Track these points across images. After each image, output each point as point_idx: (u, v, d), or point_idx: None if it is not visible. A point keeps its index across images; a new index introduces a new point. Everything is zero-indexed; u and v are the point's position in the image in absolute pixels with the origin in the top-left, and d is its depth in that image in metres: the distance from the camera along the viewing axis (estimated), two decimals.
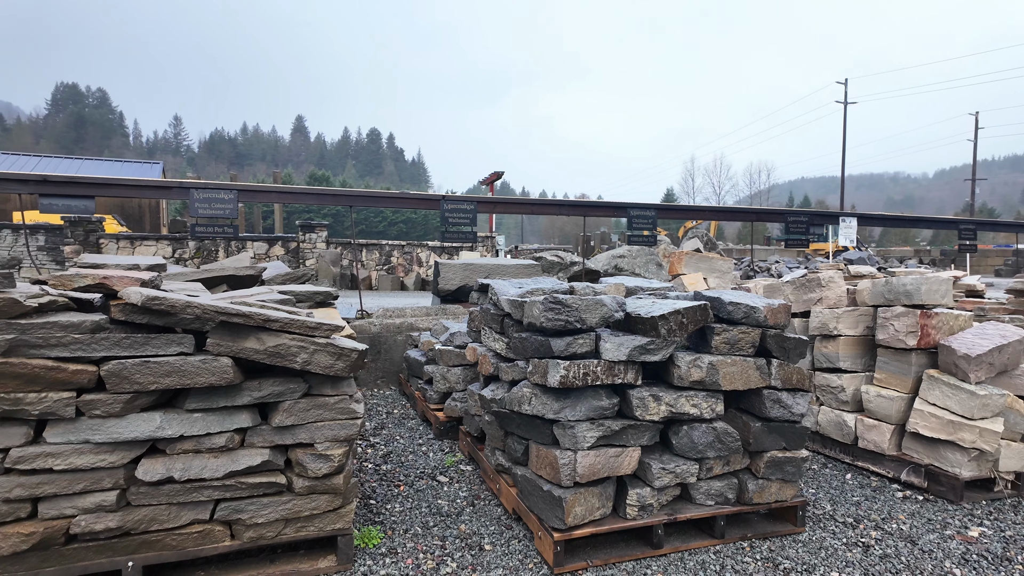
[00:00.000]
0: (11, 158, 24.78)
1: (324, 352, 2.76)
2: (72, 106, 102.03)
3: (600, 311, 3.05)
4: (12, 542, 2.37)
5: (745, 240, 47.47)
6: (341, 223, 57.83)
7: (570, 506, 2.90)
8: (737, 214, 9.50)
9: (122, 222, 20.85)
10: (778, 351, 3.27)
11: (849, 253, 22.04)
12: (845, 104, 41.75)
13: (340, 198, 6.60)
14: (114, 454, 2.51)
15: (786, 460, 3.24)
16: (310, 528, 2.82)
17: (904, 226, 10.49)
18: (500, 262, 8.27)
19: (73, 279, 2.85)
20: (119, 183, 5.89)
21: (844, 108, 41.81)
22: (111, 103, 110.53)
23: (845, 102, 41.72)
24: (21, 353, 2.40)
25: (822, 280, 4.50)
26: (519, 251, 30.54)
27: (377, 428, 5.16)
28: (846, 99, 41.65)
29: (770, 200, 74.26)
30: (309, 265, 17.36)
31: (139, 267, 4.56)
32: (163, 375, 2.54)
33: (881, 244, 54.51)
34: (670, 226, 41.68)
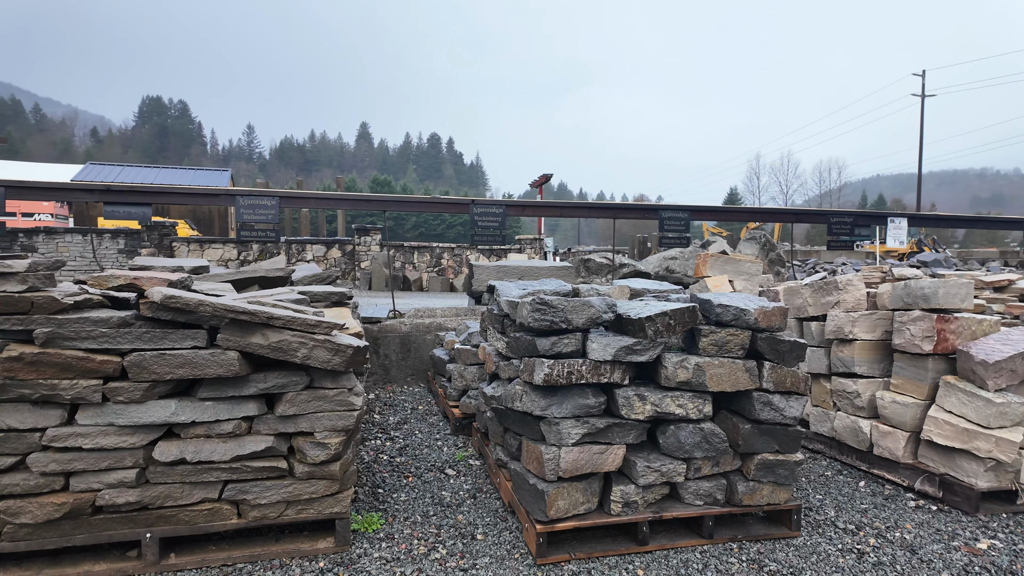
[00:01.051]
0: (97, 168, 26.89)
1: (322, 348, 2.98)
2: (156, 117, 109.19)
3: (587, 312, 3.14)
4: (47, 510, 2.70)
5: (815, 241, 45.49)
6: (402, 226, 59.40)
7: (552, 499, 3.00)
8: (775, 215, 9.23)
9: (193, 226, 22.25)
10: (771, 354, 3.26)
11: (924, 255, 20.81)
12: (923, 97, 39.42)
13: (373, 203, 6.92)
14: (134, 436, 2.81)
15: (778, 463, 3.23)
16: (309, 511, 3.05)
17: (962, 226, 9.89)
18: (533, 264, 8.40)
19: (108, 279, 3.20)
20: (171, 191, 6.39)
21: (921, 101, 39.47)
22: (191, 114, 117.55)
23: (923, 95, 39.40)
24: (57, 344, 2.73)
25: (840, 283, 4.40)
26: (571, 253, 30.55)
27: (400, 423, 5.40)
28: (923, 92, 39.32)
29: (841, 199, 70.94)
30: (364, 267, 18.00)
31: (182, 269, 4.98)
32: (177, 366, 2.82)
33: (964, 245, 51.06)
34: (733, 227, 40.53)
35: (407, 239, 50.88)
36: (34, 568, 2.76)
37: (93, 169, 26.60)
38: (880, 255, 27.34)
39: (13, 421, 2.69)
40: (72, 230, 15.87)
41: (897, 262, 23.16)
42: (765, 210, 9.23)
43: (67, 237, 15.62)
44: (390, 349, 6.72)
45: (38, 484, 2.71)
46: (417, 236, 56.42)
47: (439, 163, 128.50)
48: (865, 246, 30.36)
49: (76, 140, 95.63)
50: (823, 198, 69.28)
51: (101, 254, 16.28)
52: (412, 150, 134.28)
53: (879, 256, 14.27)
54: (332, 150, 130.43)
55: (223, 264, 17.08)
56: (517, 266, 8.20)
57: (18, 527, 2.70)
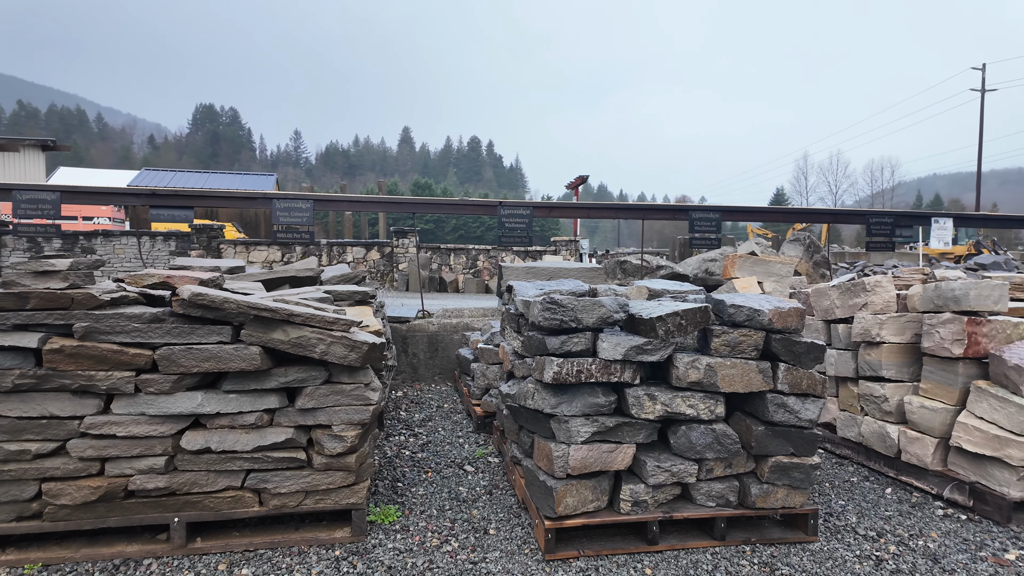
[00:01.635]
0: (151, 173, 28.16)
1: (339, 344, 3.10)
2: (209, 124, 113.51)
3: (597, 312, 3.16)
4: (84, 493, 2.89)
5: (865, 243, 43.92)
6: (442, 228, 60.06)
7: (560, 496, 3.04)
8: (812, 215, 8.97)
9: (240, 229, 23.05)
10: (786, 355, 3.22)
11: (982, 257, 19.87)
12: (983, 92, 37.60)
13: (404, 205, 7.07)
14: (164, 425, 2.98)
15: (793, 466, 3.18)
16: (327, 501, 3.17)
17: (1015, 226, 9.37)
18: (563, 266, 8.41)
19: (143, 278, 3.40)
20: (212, 195, 6.68)
21: (981, 96, 37.66)
22: (241, 120, 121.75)
23: (983, 90, 37.57)
24: (94, 338, 2.93)
25: (868, 285, 4.29)
26: (609, 255, 30.33)
27: (424, 420, 5.52)
28: (983, 86, 37.52)
29: (894, 199, 68.19)
30: (402, 268, 18.31)
31: (219, 269, 5.20)
32: (203, 360, 2.98)
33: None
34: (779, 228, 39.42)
35: (446, 241, 51.44)
36: (73, 547, 2.96)
37: (147, 175, 27.90)
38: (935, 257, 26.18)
39: (55, 409, 2.90)
40: (128, 232, 16.69)
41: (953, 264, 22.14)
42: (801, 210, 9.01)
43: (123, 239, 16.43)
44: (418, 348, 6.85)
45: (76, 468, 2.91)
46: (456, 238, 56.96)
47: (479, 166, 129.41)
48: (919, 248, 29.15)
49: (135, 147, 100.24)
50: (874, 198, 66.73)
51: (154, 255, 17.08)
52: (452, 153, 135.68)
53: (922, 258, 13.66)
54: (375, 154, 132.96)
55: (267, 265, 17.66)
56: (547, 267, 8.23)
57: (58, 508, 2.90)
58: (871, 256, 28.00)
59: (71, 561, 2.88)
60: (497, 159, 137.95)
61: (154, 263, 16.32)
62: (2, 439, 2.86)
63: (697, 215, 7.44)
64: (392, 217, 45.02)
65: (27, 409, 2.88)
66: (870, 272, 18.05)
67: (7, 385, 2.84)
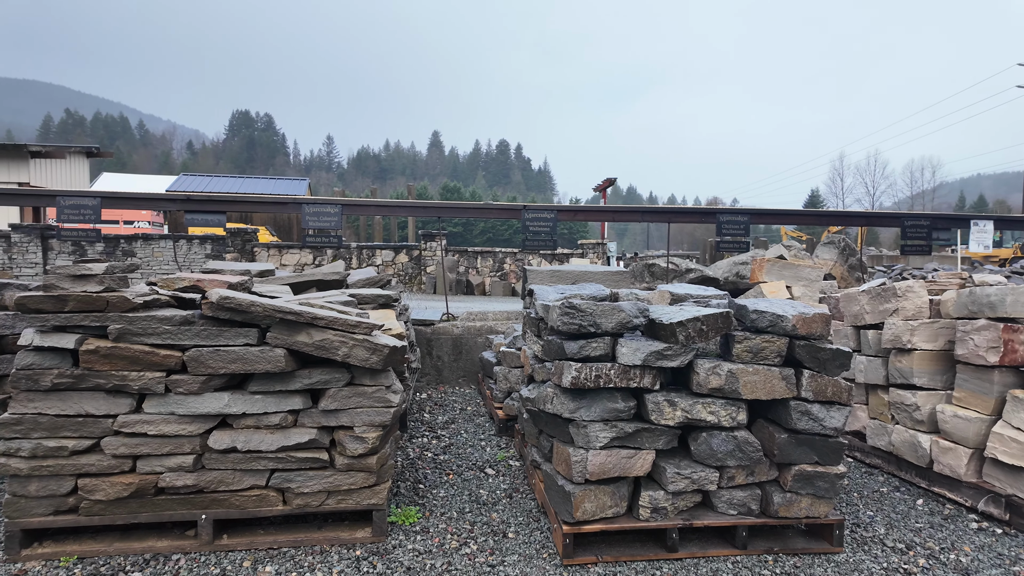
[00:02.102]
0: (189, 178, 28.98)
1: (361, 347, 3.15)
2: (244, 130, 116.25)
3: (616, 317, 3.15)
4: (117, 489, 3.00)
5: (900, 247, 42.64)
6: (470, 231, 60.37)
7: (579, 501, 3.03)
8: (844, 218, 8.76)
9: (274, 233, 23.55)
10: (811, 362, 3.16)
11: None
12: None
13: (430, 209, 7.14)
14: (192, 425, 3.07)
15: (817, 475, 3.12)
16: (348, 501, 3.22)
17: None
18: (588, 269, 8.38)
19: (175, 281, 3.51)
20: (244, 199, 6.86)
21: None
22: (276, 126, 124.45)
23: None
24: (127, 339, 3.03)
25: (899, 290, 4.18)
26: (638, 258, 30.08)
27: (447, 422, 5.56)
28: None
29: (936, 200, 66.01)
30: (429, 271, 18.47)
31: (249, 272, 5.33)
32: (230, 361, 3.07)
33: None
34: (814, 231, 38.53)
35: (474, 244, 51.70)
36: (107, 541, 3.07)
37: (185, 180, 28.72)
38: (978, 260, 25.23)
39: (90, 407, 3.01)
40: (166, 236, 17.20)
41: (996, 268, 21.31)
42: (833, 213, 8.80)
43: (161, 243, 16.94)
44: (443, 351, 6.91)
45: (110, 465, 3.02)
46: (484, 241, 57.18)
47: (507, 169, 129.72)
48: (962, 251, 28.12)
49: (174, 153, 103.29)
50: (914, 200, 64.71)
51: (190, 258, 17.57)
52: (481, 157, 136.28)
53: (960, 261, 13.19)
54: (405, 159, 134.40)
55: (298, 268, 17.99)
56: (571, 271, 8.21)
57: (93, 503, 3.02)
58: (909, 260, 27.14)
59: (104, 555, 2.99)
60: (525, 162, 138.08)
61: (190, 266, 16.79)
62: (42, 436, 2.98)
63: (725, 218, 7.34)
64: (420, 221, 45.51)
65: (65, 407, 3.00)
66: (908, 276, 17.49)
67: (46, 384, 2.97)
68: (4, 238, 15.05)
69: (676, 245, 68.22)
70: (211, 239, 17.79)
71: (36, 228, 15.14)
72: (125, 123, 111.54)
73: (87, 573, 2.84)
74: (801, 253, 15.00)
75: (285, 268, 17.37)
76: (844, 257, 12.92)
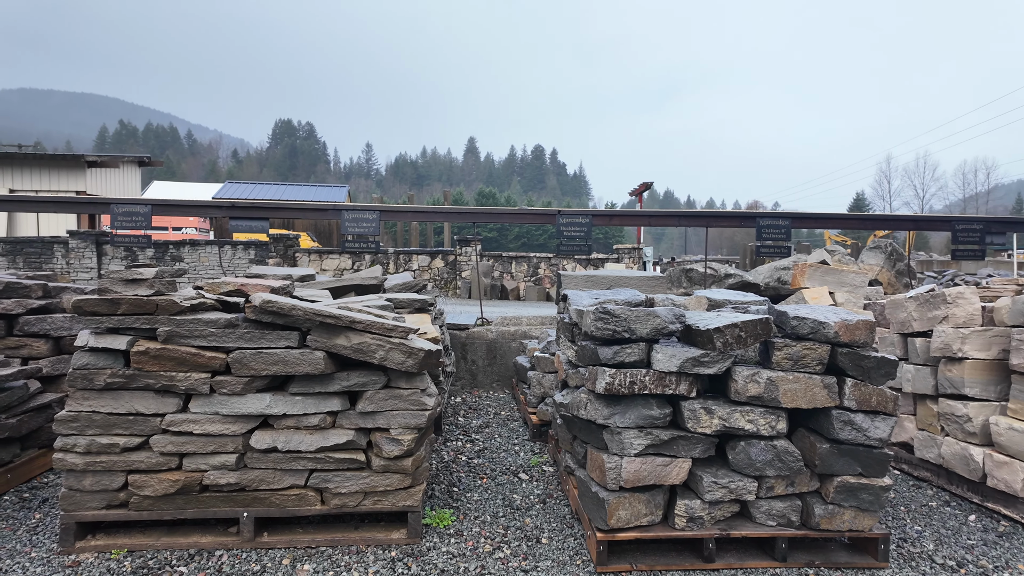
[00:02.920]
0: (233, 186, 29.90)
1: (397, 350, 3.20)
2: (287, 139, 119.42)
3: (651, 322, 3.12)
4: (164, 485, 3.12)
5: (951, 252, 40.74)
6: (505, 236, 60.60)
7: (613, 508, 3.01)
8: (891, 222, 8.45)
9: (314, 238, 24.11)
10: (854, 370, 3.07)
11: None
12: None
13: (465, 215, 7.21)
14: (235, 424, 3.17)
15: (861, 487, 3.02)
16: (384, 502, 3.27)
17: None
18: (623, 274, 8.31)
19: (220, 285, 3.63)
20: (286, 206, 7.05)
21: None
22: (317, 135, 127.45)
23: None
24: (175, 341, 3.15)
25: (948, 296, 4.02)
26: (675, 262, 29.67)
27: (481, 426, 5.59)
28: None
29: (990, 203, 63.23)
30: (465, 276, 18.61)
31: (290, 277, 5.47)
32: (272, 363, 3.15)
33: None
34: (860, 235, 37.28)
35: (509, 249, 51.85)
36: (155, 535, 3.19)
37: (230, 187, 29.66)
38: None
39: (140, 407, 3.14)
40: (211, 241, 17.79)
41: None
42: (878, 217, 8.51)
43: (207, 248, 17.52)
44: (477, 355, 6.95)
45: (158, 462, 3.14)
46: (519, 246, 57.30)
47: (542, 174, 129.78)
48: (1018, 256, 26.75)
49: (220, 161, 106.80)
50: (967, 203, 62.07)
51: (235, 263, 18.13)
52: (516, 162, 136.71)
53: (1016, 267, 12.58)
54: (442, 165, 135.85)
55: (337, 273, 18.35)
56: (606, 276, 8.16)
57: (142, 498, 3.14)
58: (962, 265, 25.99)
59: (152, 548, 3.10)
60: (561, 167, 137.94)
61: (235, 270, 17.31)
62: (95, 432, 3.12)
63: (765, 222, 7.19)
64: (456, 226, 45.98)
65: (117, 406, 3.13)
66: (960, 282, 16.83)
67: (100, 383, 3.11)
68: (62, 244, 15.80)
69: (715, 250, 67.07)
70: (254, 244, 18.32)
71: (91, 234, 15.85)
72: (174, 133, 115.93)
73: (136, 566, 2.95)
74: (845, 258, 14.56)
75: (325, 273, 17.74)
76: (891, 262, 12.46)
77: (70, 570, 2.92)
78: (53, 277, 5.49)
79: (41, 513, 3.56)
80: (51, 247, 15.87)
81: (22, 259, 15.75)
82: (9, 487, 3.89)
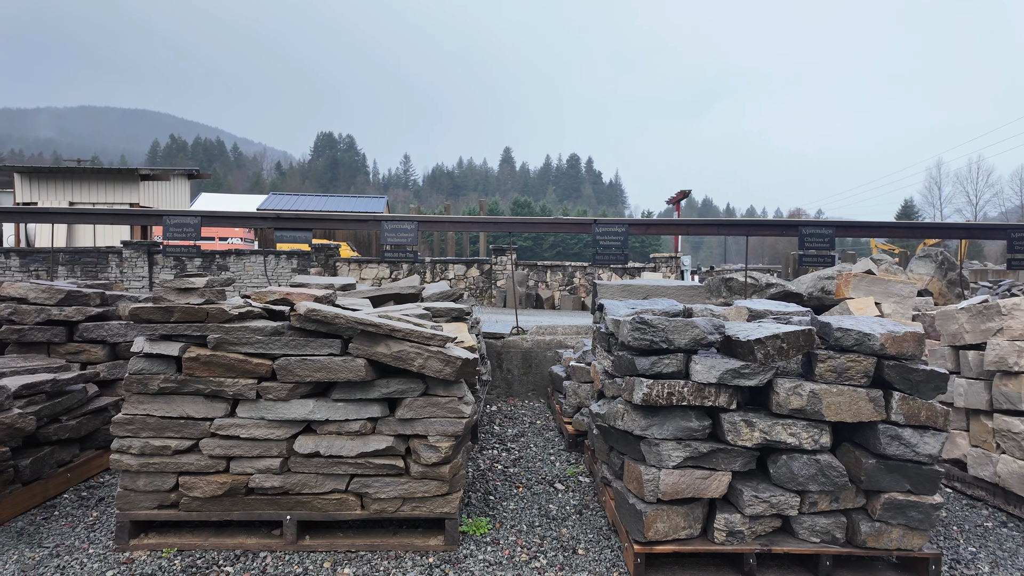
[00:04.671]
0: (277, 197, 30.78)
1: (435, 358, 3.25)
2: (328, 151, 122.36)
3: (690, 333, 3.10)
4: (212, 487, 3.23)
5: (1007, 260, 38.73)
6: (540, 245, 60.63)
7: (651, 521, 2.99)
8: (940, 230, 8.15)
9: (354, 248, 24.59)
10: (902, 383, 2.98)
11: None
12: None
13: (501, 225, 7.27)
14: (280, 429, 3.26)
15: (910, 504, 2.92)
16: (422, 509, 3.31)
17: None
18: (660, 283, 8.23)
19: (266, 294, 3.75)
20: (328, 217, 7.23)
21: None
22: (357, 147, 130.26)
23: None
24: (224, 348, 3.28)
25: (1004, 308, 3.87)
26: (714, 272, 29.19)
27: (517, 435, 5.60)
28: None
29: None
30: (500, 285, 18.69)
31: (332, 286, 5.61)
32: (315, 370, 3.25)
33: None
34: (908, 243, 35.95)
35: (544, 258, 51.81)
36: (203, 536, 3.30)
37: (274, 199, 30.55)
38: None
39: (191, 411, 3.27)
40: (256, 251, 18.33)
41: None
42: (927, 225, 8.22)
43: (252, 258, 18.06)
44: (512, 364, 6.98)
45: (207, 465, 3.26)
46: (554, 255, 57.23)
47: (578, 183, 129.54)
48: None
49: (264, 173, 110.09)
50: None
51: (278, 272, 18.64)
52: (552, 171, 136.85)
53: None
54: (478, 175, 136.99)
55: (376, 282, 18.67)
56: (643, 285, 8.09)
57: (191, 500, 3.26)
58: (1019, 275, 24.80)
59: (200, 548, 3.21)
60: (596, 175, 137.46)
61: (278, 279, 17.79)
62: (149, 435, 3.26)
63: (808, 230, 7.03)
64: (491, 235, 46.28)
65: (169, 410, 3.27)
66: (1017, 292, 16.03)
67: (154, 388, 3.25)
68: (117, 254, 16.53)
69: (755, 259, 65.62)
70: (297, 254, 18.80)
71: (144, 244, 16.53)
72: (221, 146, 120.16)
73: (185, 564, 3.06)
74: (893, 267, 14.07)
75: (364, 282, 18.08)
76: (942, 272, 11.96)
77: (124, 567, 3.05)
78: (109, 285, 5.76)
79: (98, 511, 3.73)
80: (106, 257, 16.61)
81: (80, 268, 16.52)
82: (69, 486, 4.08)
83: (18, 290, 4.52)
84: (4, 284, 4.56)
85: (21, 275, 16.19)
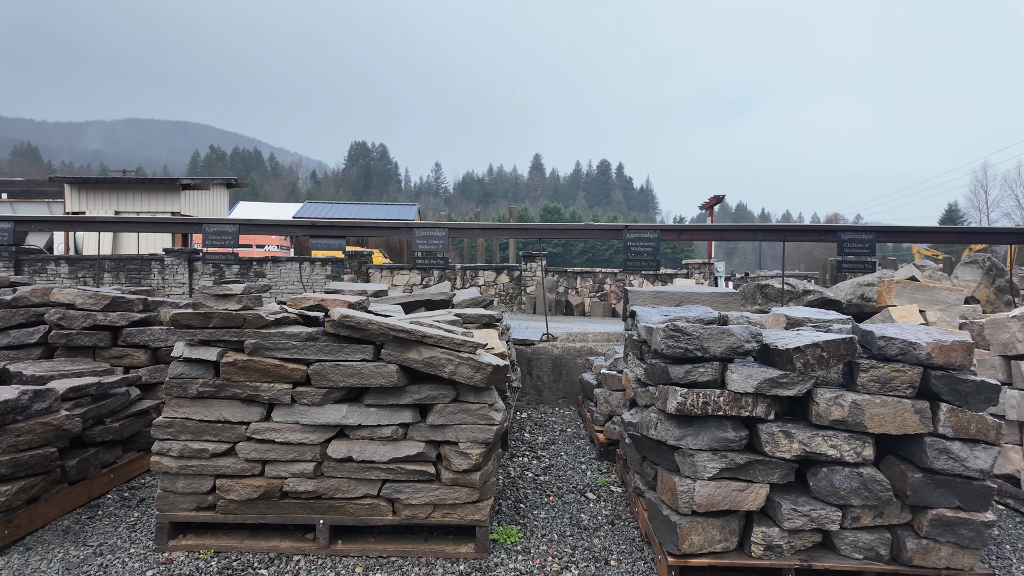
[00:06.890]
0: (312, 205, 31.42)
1: (466, 365, 3.26)
2: (361, 160, 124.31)
3: (726, 341, 3.03)
4: (248, 491, 3.28)
5: None
6: (570, 251, 60.43)
7: (685, 533, 2.92)
8: (987, 235, 7.78)
9: (386, 255, 24.89)
10: (949, 394, 2.86)
11: None
12: None
13: (531, 231, 7.26)
14: (313, 434, 3.30)
15: (959, 521, 2.80)
16: (453, 515, 3.31)
17: None
18: (693, 290, 8.11)
19: (301, 301, 3.81)
20: (362, 224, 7.34)
21: None
22: (389, 155, 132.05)
23: None
24: (260, 353, 3.34)
25: None
26: (749, 278, 28.61)
27: (547, 443, 5.56)
28: None
29: None
30: (529, 291, 18.67)
31: (365, 293, 5.68)
32: (348, 375, 3.28)
33: None
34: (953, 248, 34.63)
35: (574, 264, 51.60)
36: (238, 538, 3.35)
37: (309, 207, 31.20)
38: None
39: (228, 414, 3.33)
40: (292, 258, 18.71)
41: None
42: (974, 230, 7.91)
43: (287, 264, 18.44)
44: (542, 371, 6.94)
45: (243, 468, 3.31)
46: (584, 261, 56.95)
47: (608, 189, 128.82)
48: None
49: (299, 182, 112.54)
50: None
51: (313, 279, 18.99)
52: (582, 178, 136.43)
53: None
54: (507, 182, 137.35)
55: (408, 288, 18.85)
56: (675, 292, 7.98)
57: (228, 502, 3.32)
58: None
59: (236, 550, 3.27)
60: (627, 181, 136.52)
61: (312, 286, 18.11)
62: (188, 438, 3.33)
63: (847, 236, 6.84)
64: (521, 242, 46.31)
65: (207, 414, 3.34)
66: None
67: (193, 392, 3.32)
68: (159, 261, 17.05)
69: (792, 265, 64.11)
70: (331, 261, 19.12)
71: (184, 252, 17.03)
72: (259, 156, 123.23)
73: (221, 565, 3.11)
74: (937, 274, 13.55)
75: (396, 288, 18.27)
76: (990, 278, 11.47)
77: (164, 567, 3.12)
78: (151, 292, 5.93)
79: (139, 512, 3.83)
80: (149, 264, 17.15)
81: (124, 275, 17.09)
82: (112, 486, 4.20)
83: (67, 296, 4.68)
84: (54, 290, 4.74)
85: (69, 281, 16.85)
